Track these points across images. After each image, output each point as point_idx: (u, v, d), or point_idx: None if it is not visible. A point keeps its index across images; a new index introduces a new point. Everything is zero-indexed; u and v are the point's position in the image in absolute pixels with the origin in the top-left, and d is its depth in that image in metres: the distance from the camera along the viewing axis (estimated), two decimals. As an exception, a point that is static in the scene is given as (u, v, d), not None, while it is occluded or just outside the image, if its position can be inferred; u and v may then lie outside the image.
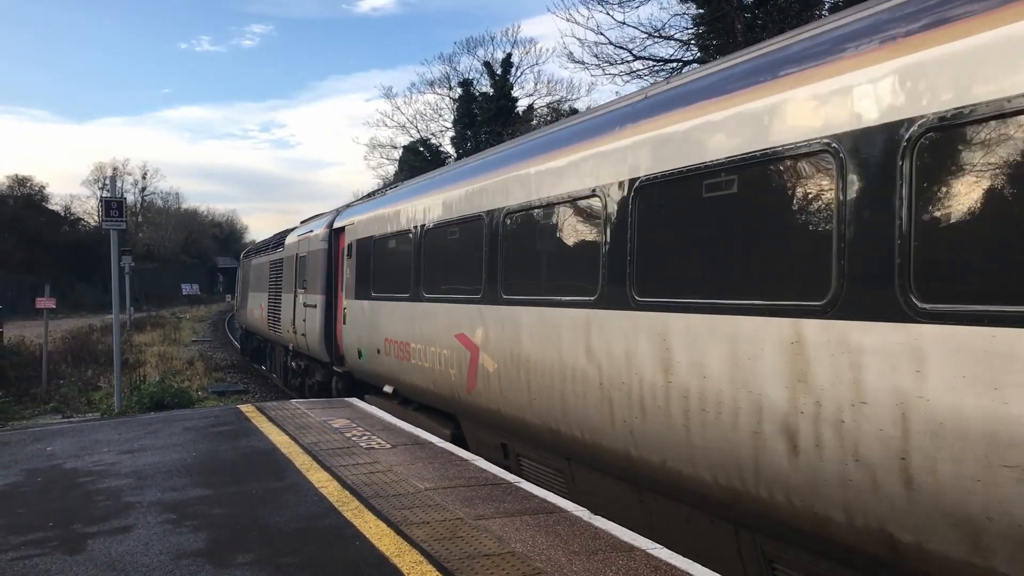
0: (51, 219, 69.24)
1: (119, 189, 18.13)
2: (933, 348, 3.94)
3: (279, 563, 5.33)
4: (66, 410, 17.55)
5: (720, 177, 5.46)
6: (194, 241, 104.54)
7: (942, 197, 4.05)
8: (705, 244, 5.61)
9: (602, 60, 29.29)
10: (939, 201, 4.06)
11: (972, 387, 3.77)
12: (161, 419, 11.75)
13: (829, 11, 24.08)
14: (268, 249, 24.98)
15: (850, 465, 4.35)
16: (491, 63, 51.83)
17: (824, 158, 4.66)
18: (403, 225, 11.81)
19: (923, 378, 3.98)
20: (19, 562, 5.49)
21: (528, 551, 5.38)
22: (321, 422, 10.55)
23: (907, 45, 4.28)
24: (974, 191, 3.91)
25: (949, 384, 3.86)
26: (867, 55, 4.53)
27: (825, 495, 4.52)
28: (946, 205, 4.03)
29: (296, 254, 19.21)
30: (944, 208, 4.03)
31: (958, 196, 3.98)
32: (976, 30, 3.93)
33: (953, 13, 4.11)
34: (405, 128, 57.51)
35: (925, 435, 3.96)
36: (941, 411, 3.89)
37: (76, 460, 8.78)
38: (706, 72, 6.28)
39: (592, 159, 6.96)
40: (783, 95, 5.03)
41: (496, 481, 7.28)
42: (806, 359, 4.63)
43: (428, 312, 10.49)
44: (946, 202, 4.02)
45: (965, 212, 3.96)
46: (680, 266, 5.89)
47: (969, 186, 3.93)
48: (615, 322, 6.35)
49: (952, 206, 4.00)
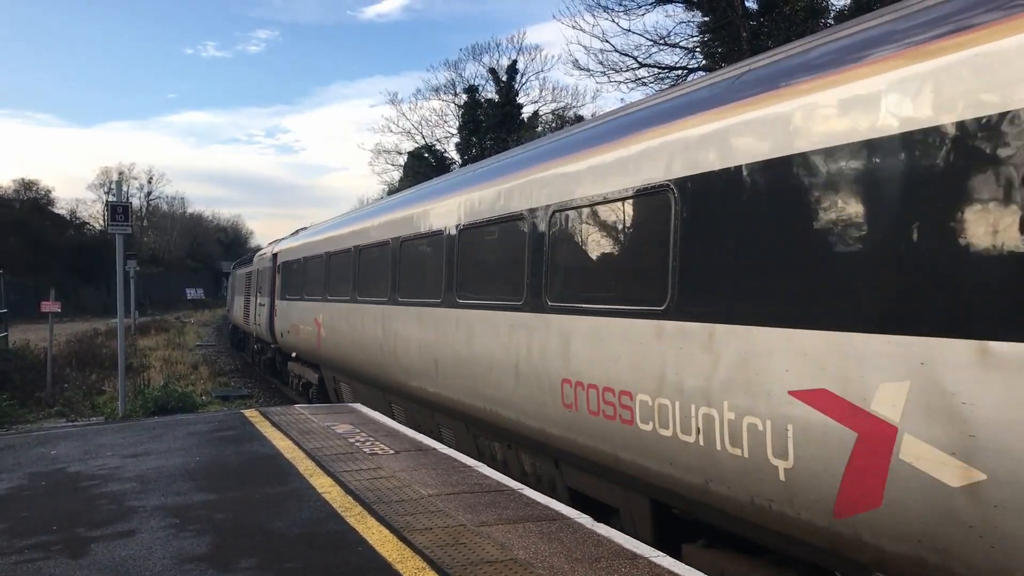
0: (57, 223, 69.52)
1: (125, 193, 18.05)
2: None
3: (282, 568, 5.33)
4: (70, 414, 17.60)
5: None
6: (199, 246, 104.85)
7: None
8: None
9: (607, 67, 29.43)
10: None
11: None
12: (165, 423, 11.77)
13: (835, 20, 24.11)
14: (245, 264, 35.23)
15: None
16: (496, 70, 51.97)
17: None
18: (302, 254, 19.99)
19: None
20: (23, 565, 5.50)
21: (530, 558, 5.38)
22: (324, 427, 10.56)
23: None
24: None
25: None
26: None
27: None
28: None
29: (257, 269, 27.99)
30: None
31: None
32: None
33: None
34: (410, 134, 57.64)
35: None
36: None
37: (80, 464, 8.80)
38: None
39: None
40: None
41: (499, 488, 7.28)
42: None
43: (302, 307, 19.00)
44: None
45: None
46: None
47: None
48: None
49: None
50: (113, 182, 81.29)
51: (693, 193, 5.78)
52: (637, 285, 6.45)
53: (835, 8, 25.27)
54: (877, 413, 4.27)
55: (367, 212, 16.45)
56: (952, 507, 3.89)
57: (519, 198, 8.42)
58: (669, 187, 6.02)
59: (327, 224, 19.73)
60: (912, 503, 4.08)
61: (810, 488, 4.68)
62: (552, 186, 7.81)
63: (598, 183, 6.96)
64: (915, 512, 4.07)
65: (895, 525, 4.20)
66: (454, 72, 55.11)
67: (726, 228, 5.44)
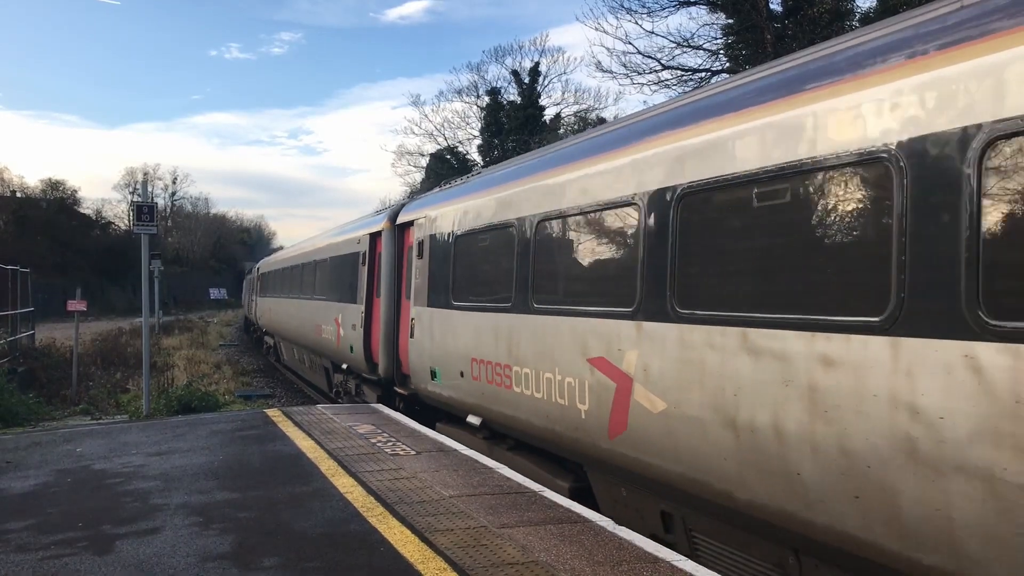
0: (83, 223, 70.22)
1: (150, 194, 18.17)
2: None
3: (304, 568, 5.35)
4: (95, 412, 17.74)
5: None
6: (222, 246, 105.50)
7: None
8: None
9: (630, 69, 29.29)
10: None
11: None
12: (188, 422, 11.87)
13: (860, 23, 23.92)
14: (250, 272, 49.33)
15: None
16: (519, 72, 51.92)
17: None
18: (273, 267, 29.24)
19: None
20: (49, 561, 5.56)
21: (552, 561, 5.37)
22: (346, 427, 10.60)
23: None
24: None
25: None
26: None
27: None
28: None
29: (255, 276, 41.04)
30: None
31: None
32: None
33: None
34: (432, 136, 57.69)
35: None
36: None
37: (105, 461, 8.89)
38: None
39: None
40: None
41: (520, 490, 7.27)
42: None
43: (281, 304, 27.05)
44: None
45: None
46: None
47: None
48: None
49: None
50: (138, 182, 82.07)
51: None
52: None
53: (860, 11, 25.06)
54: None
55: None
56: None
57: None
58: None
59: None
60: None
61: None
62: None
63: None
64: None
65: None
66: (476, 74, 55.12)
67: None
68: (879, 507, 4.25)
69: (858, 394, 4.37)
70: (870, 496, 4.30)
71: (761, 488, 5.03)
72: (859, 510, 4.37)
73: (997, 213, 3.84)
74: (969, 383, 3.84)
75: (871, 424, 4.29)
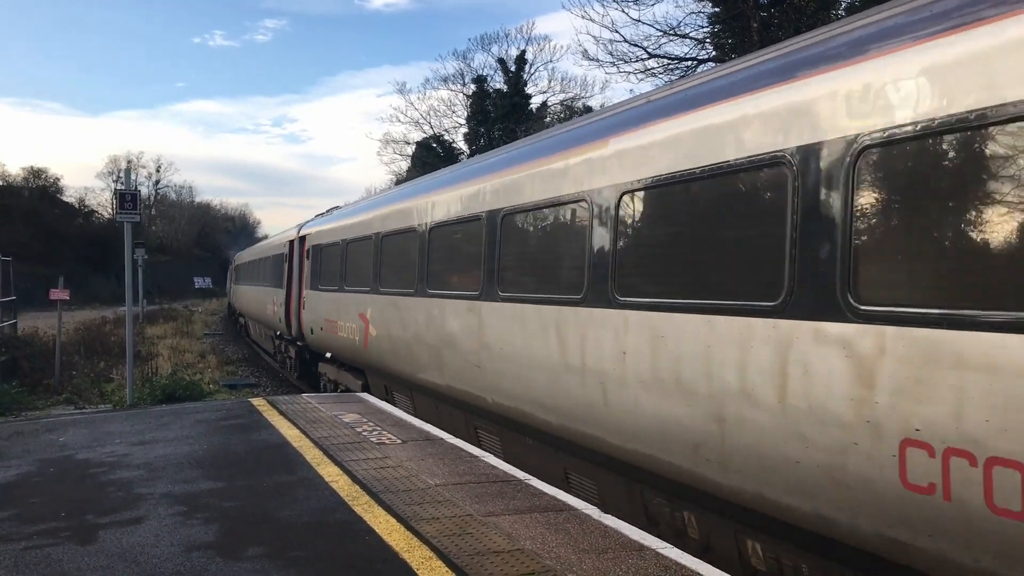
0: (65, 211, 69.70)
1: (133, 182, 17.92)
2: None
3: (290, 557, 5.34)
4: (79, 401, 17.62)
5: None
6: (207, 235, 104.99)
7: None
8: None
9: (617, 58, 29.27)
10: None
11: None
12: (172, 411, 11.81)
13: (846, 11, 23.94)
14: (231, 262, 54.78)
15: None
16: (505, 60, 51.88)
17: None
18: (242, 261, 39.11)
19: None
20: (32, 551, 5.52)
21: (538, 548, 5.38)
22: (332, 416, 10.58)
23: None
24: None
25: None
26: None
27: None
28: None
29: (233, 267, 47.79)
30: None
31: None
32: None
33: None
34: (418, 124, 57.58)
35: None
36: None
37: (88, 451, 8.83)
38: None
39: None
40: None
41: (506, 478, 7.28)
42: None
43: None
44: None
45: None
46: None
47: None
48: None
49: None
50: (121, 170, 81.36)
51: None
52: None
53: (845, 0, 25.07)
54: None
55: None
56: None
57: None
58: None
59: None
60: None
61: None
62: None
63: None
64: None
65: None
66: (462, 62, 55.08)
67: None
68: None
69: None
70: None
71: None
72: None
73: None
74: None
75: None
